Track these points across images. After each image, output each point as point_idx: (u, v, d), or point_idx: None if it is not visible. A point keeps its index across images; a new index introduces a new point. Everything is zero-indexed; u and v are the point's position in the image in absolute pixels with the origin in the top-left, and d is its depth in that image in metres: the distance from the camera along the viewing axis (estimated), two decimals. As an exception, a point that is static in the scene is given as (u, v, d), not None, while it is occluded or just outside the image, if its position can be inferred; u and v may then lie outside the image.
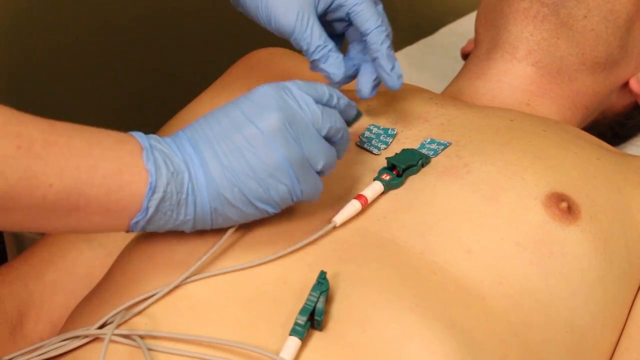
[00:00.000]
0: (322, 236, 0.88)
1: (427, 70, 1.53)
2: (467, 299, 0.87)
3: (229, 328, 0.83)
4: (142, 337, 0.83)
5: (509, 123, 1.03)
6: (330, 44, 0.94)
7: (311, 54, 0.94)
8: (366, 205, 0.91)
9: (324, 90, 0.86)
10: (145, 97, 1.57)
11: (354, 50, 1.00)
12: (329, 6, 0.96)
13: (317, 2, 0.95)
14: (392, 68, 0.95)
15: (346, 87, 1.01)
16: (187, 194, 0.80)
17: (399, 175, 0.94)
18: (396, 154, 0.96)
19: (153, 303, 0.85)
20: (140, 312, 0.85)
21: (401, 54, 1.57)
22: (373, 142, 0.99)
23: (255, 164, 0.81)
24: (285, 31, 0.94)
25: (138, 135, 0.81)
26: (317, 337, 0.82)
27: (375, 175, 0.94)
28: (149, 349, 0.82)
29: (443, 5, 1.76)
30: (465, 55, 1.26)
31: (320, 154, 0.83)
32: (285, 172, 0.82)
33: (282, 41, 1.30)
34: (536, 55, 1.13)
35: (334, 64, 0.94)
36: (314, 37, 0.93)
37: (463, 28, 1.58)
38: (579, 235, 0.92)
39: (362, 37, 0.96)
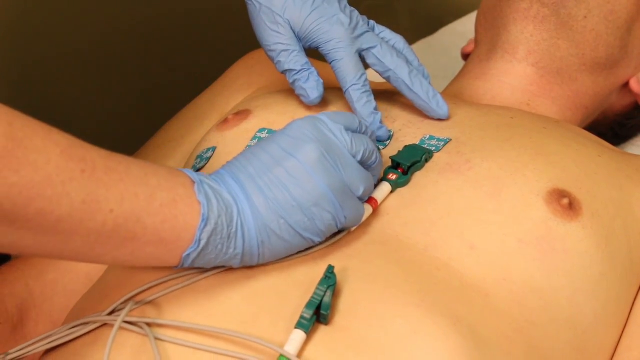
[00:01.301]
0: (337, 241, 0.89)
1: (427, 70, 1.53)
2: (471, 295, 0.87)
3: (232, 321, 0.83)
4: (149, 325, 0.83)
5: (509, 120, 1.03)
6: (312, 68, 0.99)
7: (293, 75, 0.99)
8: (377, 208, 0.92)
9: (353, 118, 0.88)
10: (145, 97, 1.57)
11: None
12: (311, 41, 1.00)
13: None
14: (371, 124, 0.99)
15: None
16: (237, 228, 0.81)
17: (405, 173, 0.94)
18: (399, 151, 0.96)
19: (161, 294, 0.85)
20: (150, 302, 0.85)
21: (401, 54, 1.57)
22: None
23: (298, 195, 0.82)
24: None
25: (187, 170, 0.82)
26: (322, 331, 0.82)
27: (382, 175, 0.94)
28: (156, 338, 0.82)
29: (443, 5, 1.76)
30: (466, 56, 1.26)
31: (360, 180, 0.85)
32: (329, 200, 0.83)
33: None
34: (536, 55, 1.13)
35: (313, 86, 0.99)
36: (298, 60, 0.99)
37: (463, 28, 1.58)
38: (581, 232, 0.92)
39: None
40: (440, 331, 0.82)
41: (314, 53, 1.02)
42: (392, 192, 0.93)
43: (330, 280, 0.82)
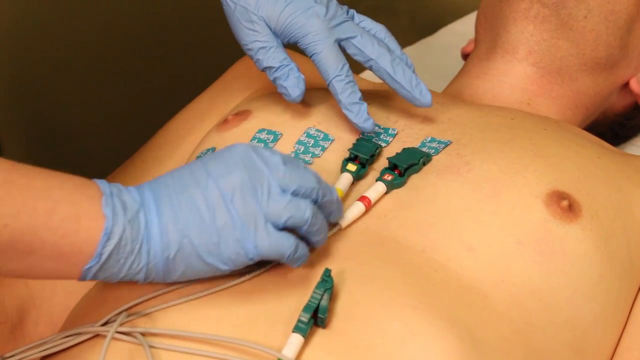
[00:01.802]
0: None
1: (427, 70, 1.53)
2: (469, 297, 0.87)
3: (228, 325, 0.83)
4: (143, 334, 0.83)
5: (509, 121, 1.03)
6: (292, 64, 0.97)
7: (273, 72, 0.97)
8: (370, 207, 0.92)
9: (308, 180, 0.83)
10: (145, 97, 1.57)
11: None
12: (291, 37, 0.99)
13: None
14: (357, 114, 0.97)
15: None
16: (142, 243, 0.80)
17: (401, 175, 0.94)
18: (397, 153, 0.96)
19: (154, 302, 0.85)
20: (143, 315, 0.85)
21: (401, 54, 1.57)
22: (374, 141, 0.99)
23: (207, 218, 0.80)
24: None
25: (100, 182, 0.81)
26: (319, 334, 0.82)
27: (378, 175, 0.94)
28: (150, 346, 0.82)
29: (443, 5, 1.76)
30: (466, 56, 1.26)
31: (283, 210, 0.81)
32: (236, 227, 0.81)
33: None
34: (536, 55, 1.13)
35: (293, 83, 0.97)
36: (277, 57, 0.97)
37: (463, 28, 1.58)
38: (580, 233, 0.92)
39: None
40: (438, 333, 0.82)
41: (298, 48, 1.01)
42: (386, 192, 0.93)
43: (327, 283, 0.82)
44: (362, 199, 0.91)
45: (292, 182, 0.82)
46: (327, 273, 0.82)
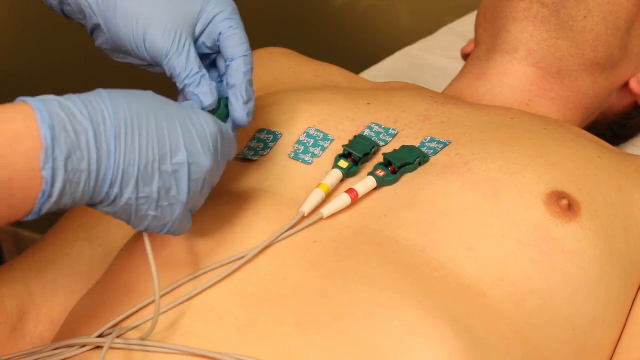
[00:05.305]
0: (308, 226, 0.89)
1: (427, 70, 1.53)
2: (469, 296, 0.87)
3: (228, 327, 0.83)
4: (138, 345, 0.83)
5: (509, 121, 1.03)
6: (204, 71, 0.89)
7: (183, 79, 0.89)
8: (357, 200, 0.92)
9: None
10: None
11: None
12: (205, 29, 0.90)
13: (195, 23, 0.90)
14: (246, 102, 0.90)
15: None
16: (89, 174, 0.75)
17: (394, 173, 0.94)
18: (395, 150, 0.96)
19: (150, 310, 0.86)
20: (136, 327, 0.85)
21: (401, 54, 1.57)
22: (373, 140, 0.99)
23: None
24: (159, 54, 0.88)
25: (42, 121, 0.73)
26: (318, 334, 0.82)
27: (371, 170, 0.95)
28: (145, 351, 0.82)
29: (443, 5, 1.76)
30: (466, 56, 1.26)
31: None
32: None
33: (282, 42, 1.30)
34: (536, 55, 1.13)
35: (206, 90, 0.89)
36: (190, 62, 0.88)
37: (463, 28, 1.58)
38: (579, 233, 0.92)
39: (226, 63, 0.91)
40: (438, 332, 0.82)
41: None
42: (376, 188, 0.93)
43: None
44: (350, 191, 0.91)
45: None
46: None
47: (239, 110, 0.89)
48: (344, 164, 0.94)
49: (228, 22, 0.90)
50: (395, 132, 1.00)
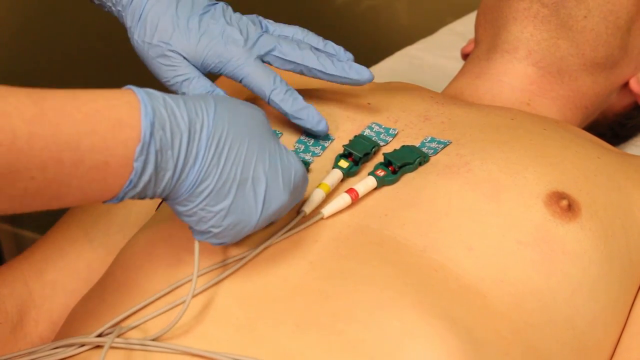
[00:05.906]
0: (308, 226, 0.89)
1: (427, 70, 1.53)
2: (469, 296, 0.87)
3: (228, 327, 0.83)
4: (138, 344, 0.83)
5: (509, 122, 1.03)
6: (218, 89, 0.96)
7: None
8: (357, 200, 0.92)
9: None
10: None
11: None
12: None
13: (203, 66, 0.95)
14: (307, 119, 0.96)
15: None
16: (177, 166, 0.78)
17: (394, 172, 0.94)
18: (395, 150, 0.96)
19: (150, 310, 0.86)
20: (136, 327, 0.85)
21: (401, 54, 1.57)
22: (373, 139, 0.99)
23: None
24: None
25: (145, 116, 0.76)
26: (318, 334, 0.82)
27: (371, 170, 0.95)
28: (145, 350, 0.82)
29: (443, 5, 1.76)
30: (466, 56, 1.26)
31: None
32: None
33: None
34: (536, 55, 1.13)
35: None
36: (203, 85, 0.95)
37: (463, 28, 1.58)
38: (579, 233, 0.92)
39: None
40: (437, 333, 0.82)
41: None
42: (377, 188, 0.93)
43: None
44: (350, 191, 0.92)
45: None
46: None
47: (310, 129, 0.97)
48: (344, 163, 0.94)
49: (238, 74, 0.95)
50: (396, 132, 1.00)
